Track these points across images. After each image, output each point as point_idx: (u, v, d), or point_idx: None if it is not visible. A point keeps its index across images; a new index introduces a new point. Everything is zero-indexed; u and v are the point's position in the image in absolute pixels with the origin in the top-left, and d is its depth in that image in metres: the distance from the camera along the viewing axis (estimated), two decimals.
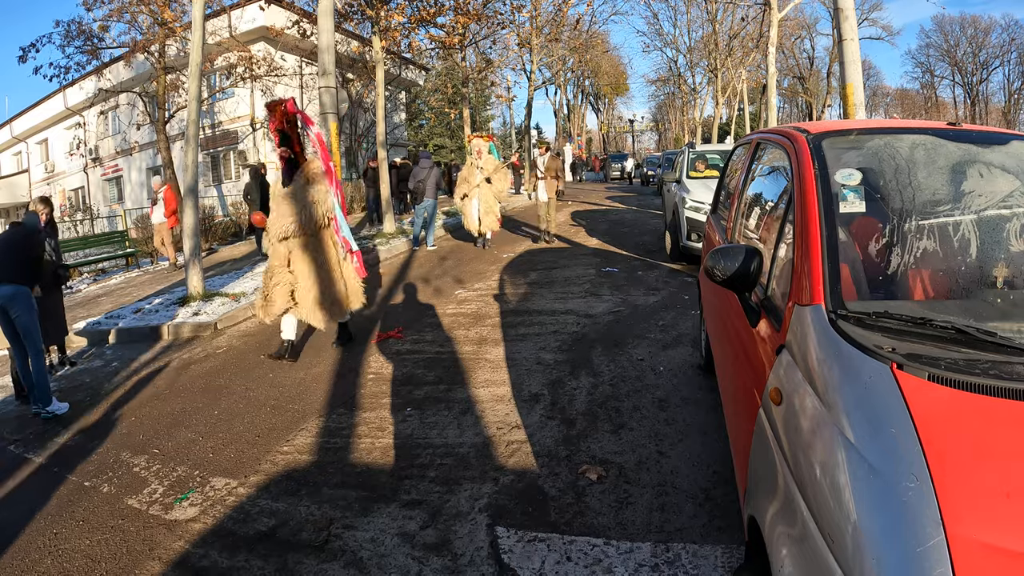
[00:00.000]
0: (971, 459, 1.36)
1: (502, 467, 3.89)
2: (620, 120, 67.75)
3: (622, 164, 41.66)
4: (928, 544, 1.22)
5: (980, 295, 2.05)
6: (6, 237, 5.72)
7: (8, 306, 5.47)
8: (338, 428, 4.69)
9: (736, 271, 2.36)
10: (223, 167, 26.59)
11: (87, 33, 18.27)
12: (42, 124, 34.44)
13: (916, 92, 63.79)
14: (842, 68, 7.62)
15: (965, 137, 2.50)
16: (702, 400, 4.59)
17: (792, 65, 55.58)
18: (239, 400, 5.47)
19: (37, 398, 5.55)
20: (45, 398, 5.54)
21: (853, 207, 2.23)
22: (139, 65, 21.71)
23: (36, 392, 5.55)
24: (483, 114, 45.07)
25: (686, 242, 9.37)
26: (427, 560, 3.05)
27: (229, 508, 3.73)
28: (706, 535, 3.04)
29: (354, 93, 26.31)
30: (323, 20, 11.69)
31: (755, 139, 3.88)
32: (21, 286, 5.53)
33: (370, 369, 5.93)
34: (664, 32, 48.62)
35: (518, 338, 6.45)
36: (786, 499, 1.71)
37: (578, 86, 59.90)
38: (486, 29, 21.05)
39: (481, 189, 12.23)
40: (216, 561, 3.22)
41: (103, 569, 3.24)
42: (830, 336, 1.80)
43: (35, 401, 5.57)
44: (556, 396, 4.90)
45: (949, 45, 59.60)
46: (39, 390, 5.53)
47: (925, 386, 1.52)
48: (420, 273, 10.63)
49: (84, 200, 33.02)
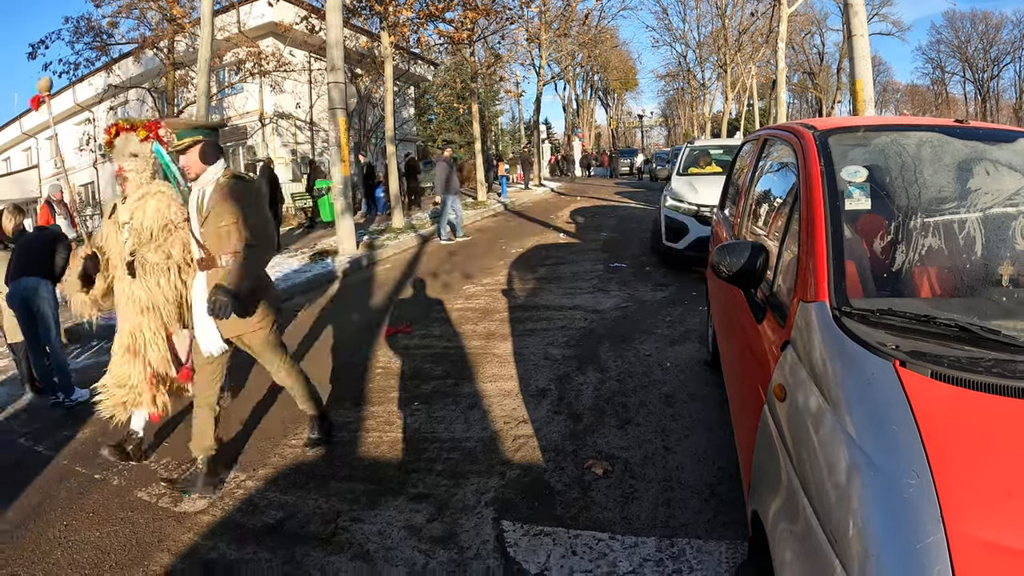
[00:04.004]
0: (972, 457, 1.37)
1: (509, 461, 3.92)
2: (629, 115, 67.65)
3: (631, 160, 41.54)
4: (928, 540, 1.23)
5: (985, 293, 2.05)
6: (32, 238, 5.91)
7: (31, 298, 5.59)
8: (346, 422, 4.71)
9: (742, 267, 2.37)
10: (232, 162, 26.68)
11: (96, 29, 18.31)
12: (52, 119, 34.51)
13: (927, 88, 63.39)
14: (852, 64, 7.59)
15: (972, 135, 2.49)
16: (709, 396, 4.60)
17: (802, 60, 55.37)
18: (247, 394, 5.49)
19: (59, 388, 5.66)
20: (68, 388, 5.65)
21: (859, 204, 2.24)
22: (148, 61, 21.76)
23: (58, 382, 5.66)
24: (492, 109, 45.02)
25: (665, 242, 9.09)
26: (433, 553, 3.08)
27: (237, 501, 3.76)
28: (711, 531, 3.05)
29: (363, 88, 26.29)
30: (332, 16, 11.72)
31: (763, 135, 3.89)
32: (45, 279, 5.67)
33: (378, 363, 5.96)
34: (673, 27, 48.80)
35: (526, 333, 6.47)
36: (789, 495, 1.72)
37: (587, 81, 59.76)
38: (495, 24, 20.99)
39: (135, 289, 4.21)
40: (224, 553, 3.25)
41: (113, 560, 3.28)
42: (834, 333, 1.80)
43: (56, 391, 5.68)
44: (563, 391, 4.92)
45: (960, 41, 59.21)
46: (61, 380, 5.65)
47: (927, 383, 1.53)
48: (429, 268, 10.66)
49: (94, 195, 33.21)
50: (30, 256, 5.73)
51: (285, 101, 25.32)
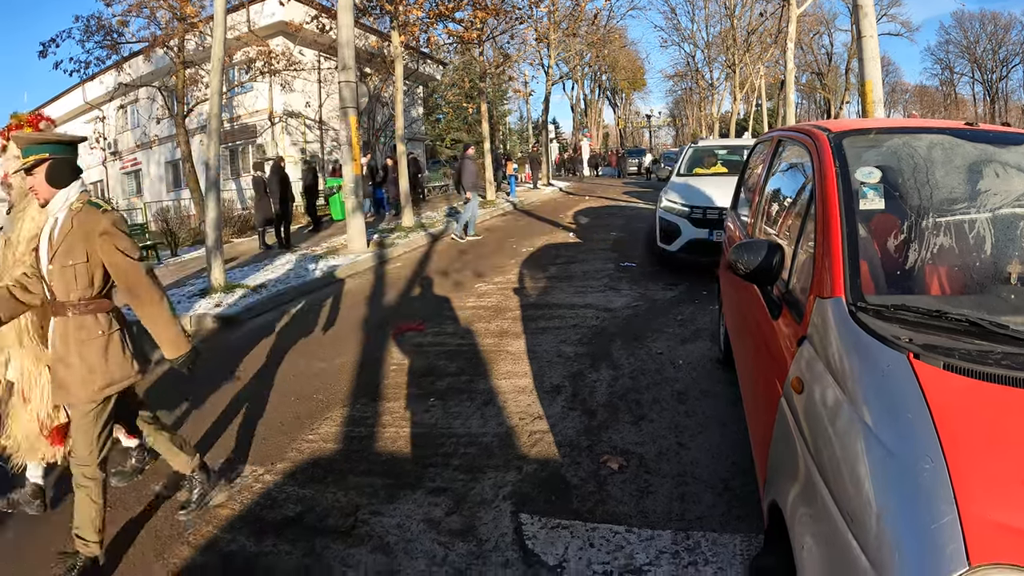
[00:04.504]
0: (983, 444, 1.44)
1: (525, 456, 3.98)
2: (637, 115, 67.54)
3: (639, 160, 41.49)
4: (942, 521, 1.30)
5: (995, 291, 2.11)
6: None
7: None
8: (362, 417, 4.79)
9: (759, 265, 2.44)
10: (241, 161, 26.80)
11: (106, 28, 18.46)
12: (61, 118, 34.67)
13: (935, 89, 63.14)
14: (861, 65, 7.63)
15: (982, 137, 2.55)
16: (721, 393, 4.65)
17: (810, 61, 55.20)
18: (264, 389, 5.57)
19: None
20: None
21: (872, 204, 2.30)
22: (158, 60, 21.90)
23: None
24: (500, 108, 45.09)
25: (658, 244, 9.09)
26: (453, 545, 3.15)
27: (256, 494, 3.82)
28: (725, 524, 3.12)
29: (372, 87, 26.39)
30: (343, 15, 11.80)
31: (776, 136, 3.94)
32: None
33: (392, 360, 6.03)
34: (682, 27, 48.59)
35: (538, 331, 6.53)
36: (807, 483, 1.78)
37: (595, 81, 59.76)
38: (504, 24, 21.04)
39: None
40: (244, 545, 3.30)
41: (134, 552, 3.35)
42: (850, 327, 1.87)
43: None
44: (577, 388, 4.98)
45: (969, 42, 58.95)
46: None
47: (940, 375, 1.60)
48: (440, 266, 10.73)
49: (103, 194, 33.42)
50: None
51: (295, 100, 25.47)
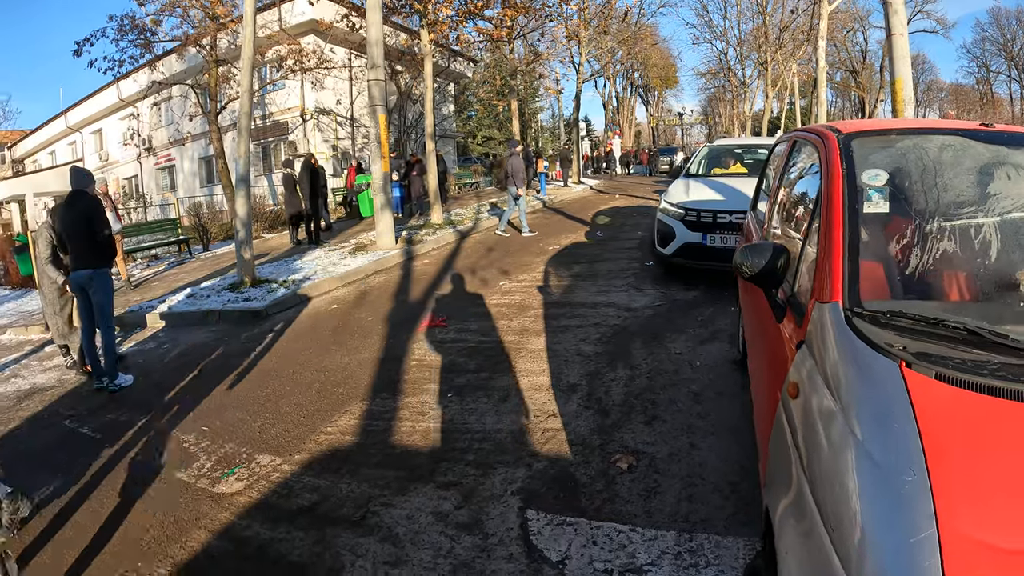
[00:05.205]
0: (969, 457, 1.41)
1: (536, 453, 4.01)
2: (670, 113, 66.99)
3: (671, 158, 41.07)
4: (920, 536, 1.28)
5: (999, 298, 2.07)
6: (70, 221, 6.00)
7: (87, 286, 5.95)
8: (380, 411, 4.85)
9: (763, 268, 2.43)
10: (273, 157, 27.10)
11: (140, 27, 18.85)
12: (96, 115, 35.47)
13: (971, 87, 61.56)
14: (891, 63, 7.50)
15: (996, 138, 2.48)
16: (737, 395, 4.62)
17: (844, 58, 54.29)
18: (286, 382, 5.67)
19: (104, 372, 5.97)
20: (112, 372, 5.98)
21: (877, 207, 2.27)
22: (191, 58, 22.30)
23: (104, 366, 5.99)
24: (532, 106, 45.05)
25: (656, 246, 8.77)
26: (459, 538, 3.19)
27: (273, 484, 3.92)
28: (730, 527, 3.10)
29: (403, 85, 26.55)
30: (372, 14, 11.89)
31: (793, 137, 3.91)
32: (98, 269, 5.98)
33: (414, 356, 6.09)
34: (714, 24, 48.49)
35: (559, 329, 6.54)
36: (797, 491, 1.77)
37: (627, 78, 59.39)
38: (534, 22, 21.08)
39: None
40: (258, 532, 3.42)
41: (151, 536, 3.48)
42: (844, 333, 1.85)
43: (101, 375, 6.02)
44: (593, 387, 4.98)
45: (1005, 39, 57.22)
46: (107, 364, 5.97)
47: (931, 384, 1.57)
48: (467, 264, 10.78)
49: (137, 189, 34.05)
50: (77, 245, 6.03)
51: (326, 97, 25.69)
